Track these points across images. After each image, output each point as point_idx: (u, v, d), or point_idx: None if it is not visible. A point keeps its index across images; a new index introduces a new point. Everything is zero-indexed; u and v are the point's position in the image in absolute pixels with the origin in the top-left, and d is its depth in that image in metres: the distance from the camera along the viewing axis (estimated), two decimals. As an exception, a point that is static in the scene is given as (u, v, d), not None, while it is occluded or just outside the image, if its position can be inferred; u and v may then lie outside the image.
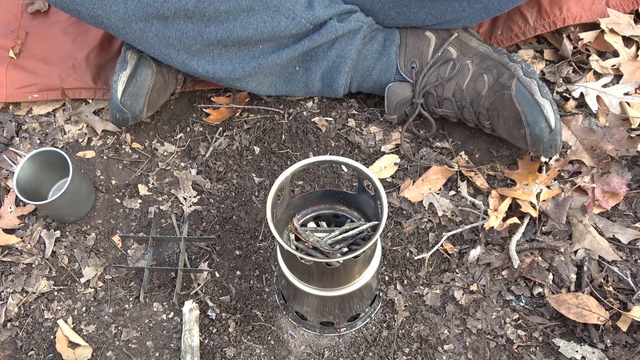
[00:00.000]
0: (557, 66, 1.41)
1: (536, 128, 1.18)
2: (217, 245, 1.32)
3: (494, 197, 1.29)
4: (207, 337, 1.23)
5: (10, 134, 1.47)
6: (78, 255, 1.33)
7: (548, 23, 1.39)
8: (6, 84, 1.50)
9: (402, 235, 1.30)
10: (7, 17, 1.59)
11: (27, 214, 1.38)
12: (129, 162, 1.43)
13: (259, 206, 1.36)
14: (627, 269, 1.21)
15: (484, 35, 1.43)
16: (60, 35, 1.54)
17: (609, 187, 1.27)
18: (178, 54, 1.28)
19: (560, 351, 1.15)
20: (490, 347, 1.19)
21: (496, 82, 1.24)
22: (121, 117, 1.33)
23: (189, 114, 1.47)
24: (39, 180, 1.34)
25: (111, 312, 1.27)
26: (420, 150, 1.37)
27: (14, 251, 1.34)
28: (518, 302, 1.22)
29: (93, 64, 1.49)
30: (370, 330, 1.22)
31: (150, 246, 1.31)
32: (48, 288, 1.30)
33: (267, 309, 1.25)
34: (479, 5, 1.24)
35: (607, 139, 1.30)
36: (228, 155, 1.41)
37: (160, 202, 1.38)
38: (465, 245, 1.28)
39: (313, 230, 1.12)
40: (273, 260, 1.30)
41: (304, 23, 1.25)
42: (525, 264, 1.23)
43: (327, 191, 1.13)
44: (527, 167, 1.31)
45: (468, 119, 1.32)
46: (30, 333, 1.26)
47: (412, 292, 1.24)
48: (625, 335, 1.15)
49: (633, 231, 1.24)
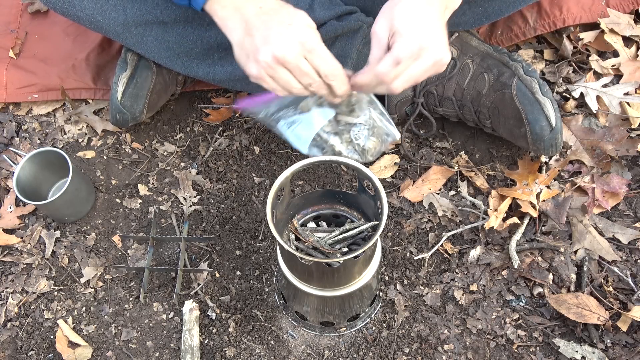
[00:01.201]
0: (557, 66, 1.41)
1: (537, 126, 1.19)
2: (217, 245, 1.32)
3: (494, 197, 1.29)
4: (207, 337, 1.23)
5: (10, 134, 1.47)
6: (78, 255, 1.33)
7: (548, 23, 1.39)
8: (6, 84, 1.50)
9: (402, 235, 1.30)
10: (7, 17, 1.59)
11: (27, 214, 1.38)
12: (129, 162, 1.43)
13: (259, 206, 1.36)
14: (627, 269, 1.21)
15: (484, 35, 1.43)
16: (60, 35, 1.54)
17: (609, 187, 1.27)
18: (178, 57, 1.28)
19: (560, 351, 1.15)
20: (490, 347, 1.19)
21: (497, 81, 1.24)
22: (121, 118, 1.33)
23: (189, 114, 1.47)
24: (39, 180, 1.34)
25: (111, 312, 1.27)
26: (420, 150, 1.37)
27: (14, 251, 1.34)
28: (518, 302, 1.22)
29: (93, 64, 1.49)
30: (370, 330, 1.22)
31: (150, 246, 1.31)
32: (48, 288, 1.30)
33: (267, 309, 1.25)
34: (479, 9, 1.24)
35: (607, 139, 1.30)
36: (228, 155, 1.41)
37: (160, 202, 1.38)
38: (465, 245, 1.28)
39: (313, 230, 1.12)
40: (273, 260, 1.30)
41: None
42: (525, 264, 1.23)
43: (327, 191, 1.13)
44: (527, 167, 1.31)
45: (468, 118, 1.32)
46: (30, 333, 1.26)
47: (412, 292, 1.24)
48: (625, 335, 1.15)
49: (633, 231, 1.24)
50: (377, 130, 1.12)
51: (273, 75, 0.97)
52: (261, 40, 0.96)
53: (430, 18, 0.95)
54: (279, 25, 0.95)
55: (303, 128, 1.12)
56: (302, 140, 1.11)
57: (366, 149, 1.13)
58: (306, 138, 1.12)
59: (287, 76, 0.97)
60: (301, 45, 0.95)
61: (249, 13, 0.98)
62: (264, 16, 0.97)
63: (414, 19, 0.94)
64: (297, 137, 1.11)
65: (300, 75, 0.97)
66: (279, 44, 0.94)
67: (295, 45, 0.94)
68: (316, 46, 0.96)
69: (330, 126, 1.10)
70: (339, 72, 0.97)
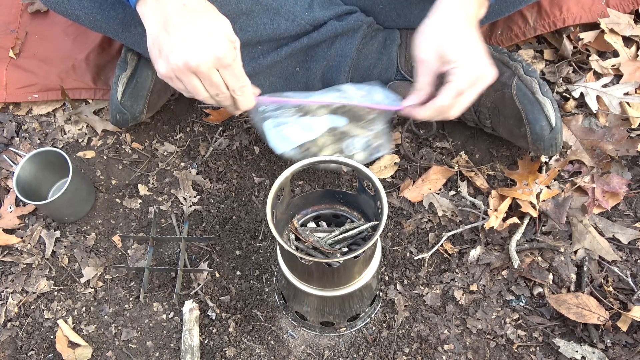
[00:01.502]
0: (557, 66, 1.41)
1: (537, 126, 1.19)
2: (217, 245, 1.32)
3: (494, 197, 1.29)
4: (207, 337, 1.23)
5: (10, 134, 1.47)
6: (78, 255, 1.33)
7: (548, 23, 1.39)
8: (6, 84, 1.50)
9: (402, 235, 1.30)
10: (7, 17, 1.59)
11: (27, 214, 1.38)
12: (129, 162, 1.43)
13: (259, 206, 1.36)
14: (627, 269, 1.21)
15: (484, 35, 1.43)
16: (60, 35, 1.54)
17: (609, 187, 1.27)
18: None
19: (560, 351, 1.15)
20: (490, 347, 1.19)
21: (497, 81, 1.24)
22: (121, 118, 1.33)
23: (189, 114, 1.47)
24: (39, 180, 1.34)
25: (111, 312, 1.27)
26: (420, 150, 1.37)
27: (14, 251, 1.34)
28: (518, 302, 1.22)
29: (93, 64, 1.49)
30: (370, 330, 1.22)
31: (150, 246, 1.31)
32: (48, 288, 1.30)
33: (267, 309, 1.25)
34: None
35: (607, 139, 1.30)
36: (228, 155, 1.41)
37: (160, 202, 1.38)
38: (465, 245, 1.28)
39: (313, 230, 1.12)
40: (273, 260, 1.30)
41: (304, 25, 1.25)
42: (525, 264, 1.23)
43: (327, 191, 1.13)
44: (527, 167, 1.31)
45: (468, 118, 1.32)
46: (30, 333, 1.26)
47: (412, 292, 1.24)
48: (625, 335, 1.15)
49: (633, 231, 1.24)
50: (372, 145, 1.13)
51: (181, 78, 0.96)
52: (177, 42, 0.94)
53: (475, 41, 0.98)
54: (199, 31, 0.94)
55: (295, 130, 1.13)
56: (287, 141, 1.12)
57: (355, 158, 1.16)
58: (294, 140, 1.12)
59: (196, 83, 0.97)
60: (217, 59, 0.94)
61: (170, 8, 0.94)
62: (186, 16, 0.94)
63: (464, 47, 0.97)
64: (282, 138, 1.11)
65: (209, 86, 0.97)
66: (195, 53, 0.93)
67: (211, 57, 0.94)
68: (231, 63, 0.96)
69: (328, 134, 1.11)
70: (247, 90, 1.00)
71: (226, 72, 0.97)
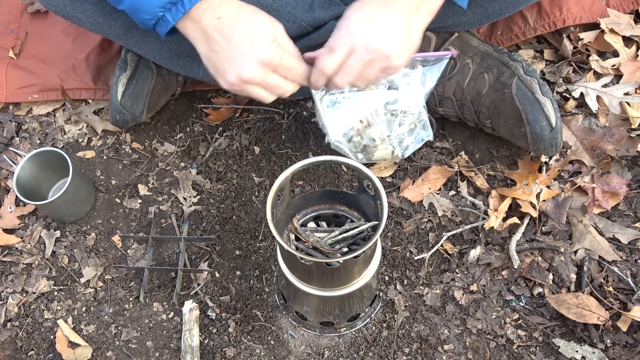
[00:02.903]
0: (557, 66, 1.41)
1: (537, 126, 1.19)
2: (217, 245, 1.32)
3: (494, 197, 1.29)
4: (207, 337, 1.23)
5: (10, 134, 1.47)
6: (78, 255, 1.33)
7: (548, 23, 1.39)
8: (6, 84, 1.50)
9: (402, 235, 1.30)
10: (7, 17, 1.59)
11: (27, 214, 1.38)
12: (129, 162, 1.43)
13: (259, 206, 1.36)
14: (627, 269, 1.21)
15: (484, 36, 1.43)
16: (60, 35, 1.54)
17: (609, 187, 1.27)
18: (179, 58, 1.27)
19: (560, 351, 1.15)
20: (490, 347, 1.19)
21: (497, 81, 1.24)
22: (121, 118, 1.33)
23: (189, 114, 1.47)
24: (39, 180, 1.34)
25: (111, 312, 1.27)
26: (420, 150, 1.37)
27: (14, 251, 1.34)
28: (518, 302, 1.22)
29: (93, 65, 1.49)
30: (370, 330, 1.22)
31: (150, 246, 1.31)
32: (48, 288, 1.30)
33: (267, 309, 1.25)
34: (479, 9, 1.24)
35: (607, 139, 1.30)
36: (228, 155, 1.41)
37: (160, 202, 1.38)
38: (465, 245, 1.28)
39: (313, 230, 1.12)
40: (273, 260, 1.30)
41: (305, 26, 1.25)
42: (525, 264, 1.23)
43: (327, 191, 1.13)
44: (527, 167, 1.31)
45: (468, 118, 1.32)
46: (30, 333, 1.26)
47: (412, 292, 1.24)
48: (625, 335, 1.15)
49: (633, 231, 1.24)
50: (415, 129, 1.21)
51: (245, 91, 0.99)
52: (225, 61, 0.97)
53: (379, 15, 0.96)
54: (240, 44, 0.95)
55: (350, 109, 1.17)
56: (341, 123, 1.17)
57: (403, 145, 1.22)
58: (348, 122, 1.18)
59: (259, 91, 1.00)
60: (265, 65, 0.96)
61: (207, 24, 0.96)
62: (224, 31, 0.96)
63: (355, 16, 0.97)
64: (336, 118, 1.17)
65: (271, 89, 1.00)
66: (243, 67, 0.96)
67: (258, 66, 0.96)
68: (280, 61, 0.97)
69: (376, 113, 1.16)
70: (305, 75, 1.01)
71: (280, 70, 0.98)
